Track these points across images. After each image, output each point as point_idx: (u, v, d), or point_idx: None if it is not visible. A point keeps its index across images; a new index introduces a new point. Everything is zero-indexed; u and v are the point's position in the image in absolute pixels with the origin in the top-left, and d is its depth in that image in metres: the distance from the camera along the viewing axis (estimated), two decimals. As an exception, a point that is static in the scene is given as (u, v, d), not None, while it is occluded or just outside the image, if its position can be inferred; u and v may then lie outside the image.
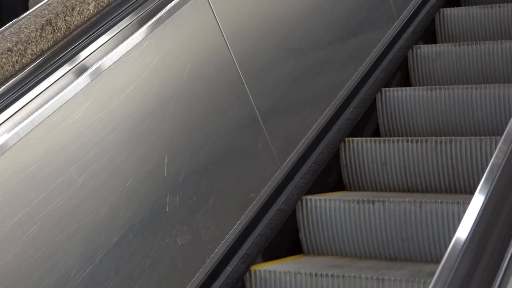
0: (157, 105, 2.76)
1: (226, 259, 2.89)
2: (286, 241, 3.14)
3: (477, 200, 1.80)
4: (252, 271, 2.91)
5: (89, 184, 2.49)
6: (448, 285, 1.57)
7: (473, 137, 3.28)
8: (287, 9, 3.49)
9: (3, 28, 2.71)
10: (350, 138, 3.51)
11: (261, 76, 3.24)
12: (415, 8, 4.29)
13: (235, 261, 2.92)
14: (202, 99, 2.94)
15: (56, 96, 2.46)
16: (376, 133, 3.79)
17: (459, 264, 1.62)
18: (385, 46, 4.02)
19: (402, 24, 4.19)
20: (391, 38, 4.08)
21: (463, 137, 3.30)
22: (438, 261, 1.76)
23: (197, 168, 2.86)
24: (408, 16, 4.24)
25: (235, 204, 3.00)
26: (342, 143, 3.50)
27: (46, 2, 2.78)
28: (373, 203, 3.05)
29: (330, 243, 3.12)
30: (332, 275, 2.76)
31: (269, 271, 2.88)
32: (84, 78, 2.54)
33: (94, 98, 2.55)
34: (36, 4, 2.75)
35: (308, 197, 3.19)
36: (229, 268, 2.89)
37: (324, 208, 3.13)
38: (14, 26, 2.68)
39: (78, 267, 2.42)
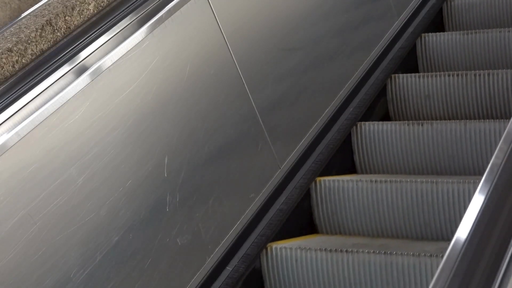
0: (157, 105, 2.76)
1: (226, 259, 2.90)
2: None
3: (477, 200, 1.80)
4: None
5: (89, 184, 2.49)
6: (448, 285, 1.57)
7: (509, 70, 3.63)
8: (287, 9, 3.49)
9: (3, 28, 2.71)
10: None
11: (261, 76, 3.25)
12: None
13: (235, 261, 2.92)
14: (202, 99, 2.94)
15: (56, 96, 2.46)
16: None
17: (459, 264, 1.62)
18: (384, 47, 4.03)
19: (403, 23, 4.19)
20: (391, 39, 4.09)
21: (500, 70, 3.63)
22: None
23: (197, 168, 2.86)
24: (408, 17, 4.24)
25: (235, 204, 3.00)
26: (342, 144, 3.50)
27: (46, 2, 2.78)
28: (422, 125, 3.39)
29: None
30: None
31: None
32: (84, 78, 2.54)
33: (94, 98, 2.55)
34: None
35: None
36: (229, 268, 2.89)
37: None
38: (14, 26, 2.68)
39: (78, 267, 2.42)
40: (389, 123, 3.53)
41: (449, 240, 1.74)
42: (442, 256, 1.65)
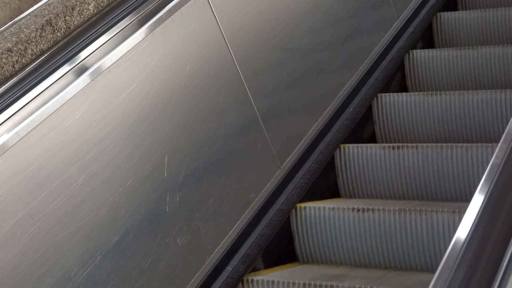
0: (157, 105, 2.76)
1: (226, 259, 2.89)
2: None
3: (477, 200, 1.80)
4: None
5: (89, 184, 2.49)
6: (448, 285, 1.57)
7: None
8: (288, 9, 3.49)
9: (3, 28, 2.71)
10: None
11: (261, 76, 3.25)
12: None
13: (235, 261, 2.92)
14: (202, 99, 2.94)
15: (56, 96, 2.46)
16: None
17: (459, 264, 1.62)
18: (383, 49, 4.02)
19: (402, 24, 4.19)
20: (390, 40, 4.09)
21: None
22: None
23: (197, 168, 2.86)
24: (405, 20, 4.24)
25: (235, 204, 3.00)
26: (343, 144, 3.50)
27: (46, 2, 2.78)
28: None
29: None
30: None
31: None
32: (84, 78, 2.54)
33: (94, 98, 2.55)
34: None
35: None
36: (229, 268, 2.89)
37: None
38: (14, 26, 2.68)
39: (78, 267, 2.42)
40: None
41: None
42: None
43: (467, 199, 3.16)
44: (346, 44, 3.80)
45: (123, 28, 2.78)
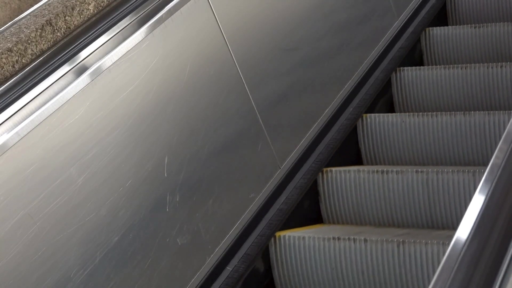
0: (157, 105, 2.76)
1: (226, 259, 2.89)
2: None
3: (477, 200, 1.80)
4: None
5: (89, 184, 2.49)
6: (449, 285, 1.57)
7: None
8: (288, 9, 3.49)
9: (3, 28, 2.71)
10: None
11: (262, 76, 3.25)
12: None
13: (235, 261, 2.92)
14: (202, 99, 2.94)
15: (56, 96, 2.46)
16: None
17: (459, 264, 1.62)
18: (381, 51, 4.03)
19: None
20: (389, 42, 4.09)
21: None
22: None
23: (197, 168, 2.86)
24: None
25: (235, 204, 3.00)
26: (342, 144, 3.50)
27: (46, 2, 2.78)
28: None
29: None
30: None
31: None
32: (84, 78, 2.54)
33: (94, 98, 2.55)
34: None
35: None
36: (229, 268, 2.89)
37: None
38: (14, 26, 2.68)
39: (78, 267, 2.42)
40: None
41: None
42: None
43: (454, 227, 3.10)
44: (347, 44, 3.81)
45: (123, 28, 2.78)
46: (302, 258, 2.97)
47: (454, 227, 3.06)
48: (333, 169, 3.33)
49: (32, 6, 2.87)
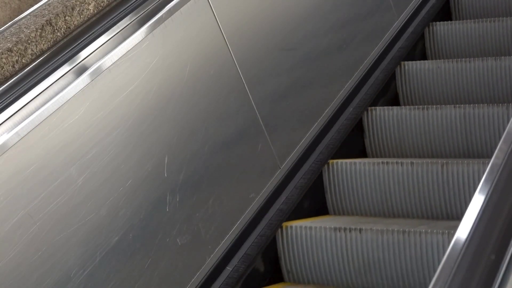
0: (157, 105, 2.76)
1: (226, 259, 2.89)
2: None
3: (477, 200, 1.80)
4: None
5: (89, 184, 2.49)
6: (449, 285, 1.57)
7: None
8: (288, 9, 3.49)
9: (3, 28, 2.71)
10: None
11: (261, 76, 3.25)
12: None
13: (235, 261, 2.92)
14: (202, 99, 2.94)
15: (56, 96, 2.46)
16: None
17: (459, 264, 1.62)
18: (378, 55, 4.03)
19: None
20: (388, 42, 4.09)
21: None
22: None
23: (197, 168, 2.86)
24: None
25: (235, 204, 3.00)
26: (342, 144, 3.50)
27: (46, 2, 2.78)
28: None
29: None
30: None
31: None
32: (84, 78, 2.54)
33: (94, 98, 2.55)
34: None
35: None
36: (229, 268, 2.89)
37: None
38: (14, 26, 2.68)
39: (78, 267, 2.42)
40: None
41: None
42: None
43: (489, 156, 3.22)
44: (347, 44, 3.80)
45: (123, 28, 2.78)
46: (309, 247, 3.00)
47: (489, 155, 3.28)
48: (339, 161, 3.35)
49: (32, 6, 2.88)
